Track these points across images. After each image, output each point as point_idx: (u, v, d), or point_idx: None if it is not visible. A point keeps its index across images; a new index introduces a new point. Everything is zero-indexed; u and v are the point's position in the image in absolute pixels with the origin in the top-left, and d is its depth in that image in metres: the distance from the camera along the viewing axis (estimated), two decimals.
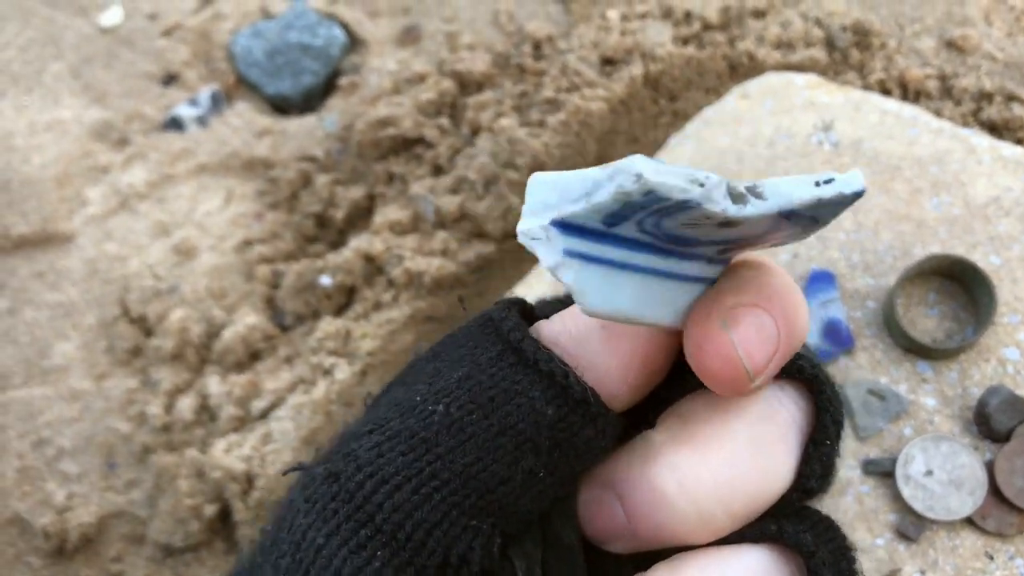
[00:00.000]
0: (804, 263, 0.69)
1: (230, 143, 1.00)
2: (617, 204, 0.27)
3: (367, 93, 1.01)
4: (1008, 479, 0.61)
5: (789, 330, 0.28)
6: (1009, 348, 0.65)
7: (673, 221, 0.29)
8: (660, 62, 0.91)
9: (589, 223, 0.29)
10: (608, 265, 0.30)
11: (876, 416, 0.64)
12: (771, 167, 0.73)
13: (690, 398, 0.30)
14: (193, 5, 1.12)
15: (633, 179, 0.26)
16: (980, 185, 0.71)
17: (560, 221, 0.28)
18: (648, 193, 0.26)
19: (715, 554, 0.28)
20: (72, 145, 1.01)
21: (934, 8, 0.94)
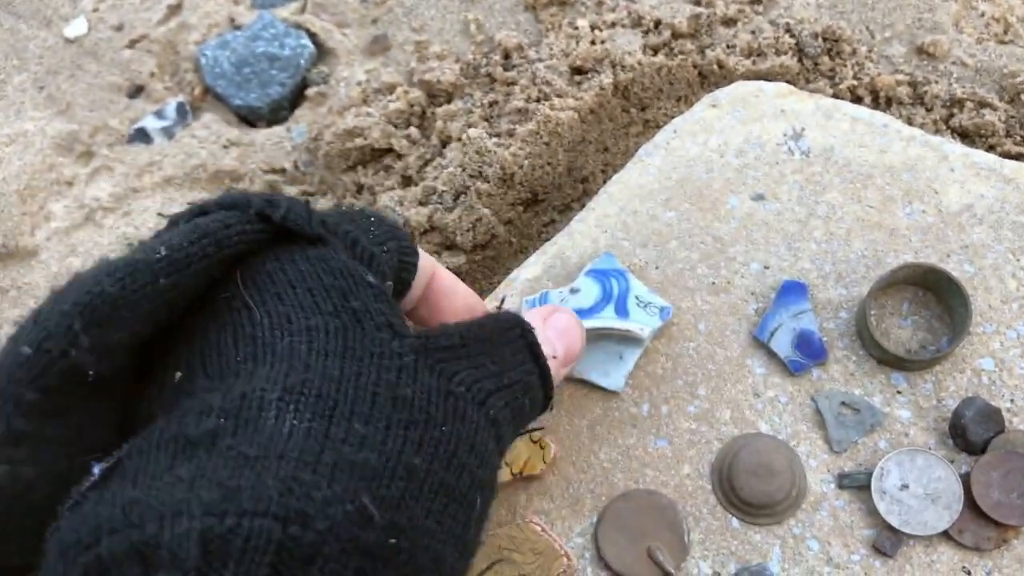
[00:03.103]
0: (776, 274, 0.68)
1: (197, 155, 0.99)
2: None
3: (335, 104, 0.99)
4: (985, 492, 0.60)
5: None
6: (984, 359, 0.64)
7: (553, 303, 0.65)
8: (630, 71, 0.90)
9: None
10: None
11: (850, 429, 0.63)
12: (741, 176, 0.72)
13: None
14: (159, 16, 1.10)
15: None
16: (953, 193, 0.70)
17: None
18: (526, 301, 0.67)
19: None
20: (35, 158, 0.99)
21: (904, 14, 0.94)
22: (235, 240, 0.42)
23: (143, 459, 0.35)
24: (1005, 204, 0.69)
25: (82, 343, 0.35)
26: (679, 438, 0.64)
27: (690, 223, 0.71)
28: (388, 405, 0.39)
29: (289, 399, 0.37)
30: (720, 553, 0.61)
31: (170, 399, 0.39)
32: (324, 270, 0.43)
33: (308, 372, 0.38)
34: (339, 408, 0.37)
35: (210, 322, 0.41)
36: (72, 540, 0.33)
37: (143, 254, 0.38)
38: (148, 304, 0.38)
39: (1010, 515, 0.59)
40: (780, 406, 0.64)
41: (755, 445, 0.63)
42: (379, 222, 0.51)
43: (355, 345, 0.40)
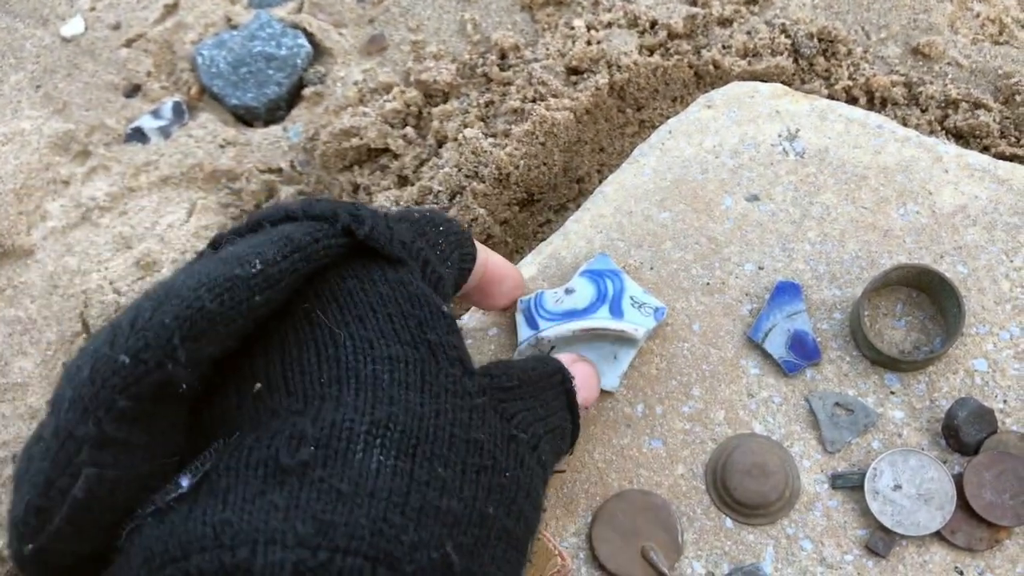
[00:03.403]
0: (770, 275, 0.68)
1: (194, 155, 0.99)
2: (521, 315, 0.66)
3: (332, 103, 1.00)
4: (977, 492, 0.60)
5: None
6: (977, 359, 0.65)
7: (547, 304, 0.65)
8: (626, 71, 0.91)
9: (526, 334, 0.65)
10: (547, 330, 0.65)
11: (843, 430, 0.63)
12: (735, 177, 0.72)
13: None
14: (156, 15, 1.10)
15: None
16: (947, 194, 0.70)
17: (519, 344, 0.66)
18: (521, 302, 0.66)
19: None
20: (32, 157, 0.99)
21: (899, 15, 0.94)
22: (321, 255, 0.42)
23: (234, 479, 0.36)
24: (999, 205, 0.69)
25: (179, 357, 0.35)
26: (673, 438, 0.64)
27: (685, 224, 0.71)
28: (463, 448, 0.40)
29: (376, 433, 0.38)
30: (714, 553, 0.61)
31: (251, 411, 0.39)
32: (403, 296, 0.44)
33: (393, 405, 0.39)
34: (421, 447, 0.38)
35: (290, 334, 0.41)
36: (160, 550, 0.34)
37: (239, 268, 0.38)
38: (243, 320, 0.38)
39: (1002, 516, 0.59)
40: (774, 406, 0.65)
41: (749, 445, 0.63)
42: (446, 232, 0.52)
43: (432, 380, 0.41)
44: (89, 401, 0.34)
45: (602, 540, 0.62)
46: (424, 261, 0.48)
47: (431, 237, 0.51)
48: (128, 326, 0.36)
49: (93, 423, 0.34)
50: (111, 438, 0.35)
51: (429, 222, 0.51)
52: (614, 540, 0.62)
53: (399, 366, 0.41)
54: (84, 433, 0.34)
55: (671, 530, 0.62)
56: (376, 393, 0.39)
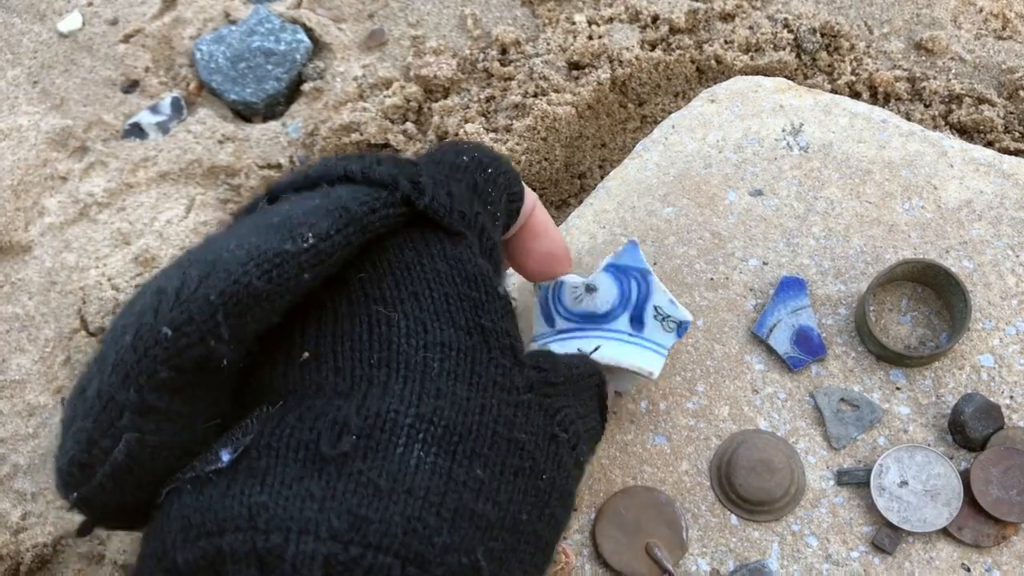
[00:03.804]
0: (774, 270, 0.68)
1: (192, 150, 0.98)
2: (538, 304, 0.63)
3: (331, 99, 0.99)
4: (984, 489, 0.60)
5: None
6: (984, 355, 0.64)
7: (566, 299, 0.61)
8: (628, 66, 0.90)
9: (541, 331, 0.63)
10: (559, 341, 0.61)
11: (849, 426, 0.63)
12: (739, 171, 0.72)
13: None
14: (154, 10, 1.09)
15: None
16: (952, 188, 0.70)
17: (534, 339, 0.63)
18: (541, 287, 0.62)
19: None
20: (29, 153, 0.98)
21: (902, 10, 0.93)
22: (377, 226, 0.41)
23: (273, 459, 0.36)
24: (1004, 200, 0.69)
25: (222, 334, 0.35)
26: (677, 435, 0.64)
27: (688, 219, 0.71)
28: (504, 448, 0.40)
29: (420, 427, 0.37)
30: (719, 550, 0.61)
31: (297, 380, 0.39)
32: (460, 275, 0.43)
33: (439, 399, 0.38)
34: (462, 445, 0.38)
35: (342, 305, 0.41)
36: (197, 521, 0.35)
37: (290, 242, 0.37)
38: (290, 296, 0.38)
39: (1009, 512, 0.59)
40: (779, 402, 0.64)
41: (754, 442, 0.62)
42: (494, 176, 0.50)
43: (481, 371, 0.41)
44: (131, 368, 0.35)
45: (606, 537, 0.61)
46: (481, 228, 0.46)
47: (482, 189, 0.49)
48: (173, 295, 0.35)
49: (135, 390, 0.35)
50: (152, 406, 0.35)
51: (478, 166, 0.49)
52: (618, 537, 0.61)
53: (450, 354, 0.40)
54: (125, 399, 0.35)
55: (675, 527, 0.61)
56: (424, 383, 0.39)
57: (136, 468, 0.36)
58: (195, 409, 0.37)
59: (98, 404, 0.35)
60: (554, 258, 0.58)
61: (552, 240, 0.57)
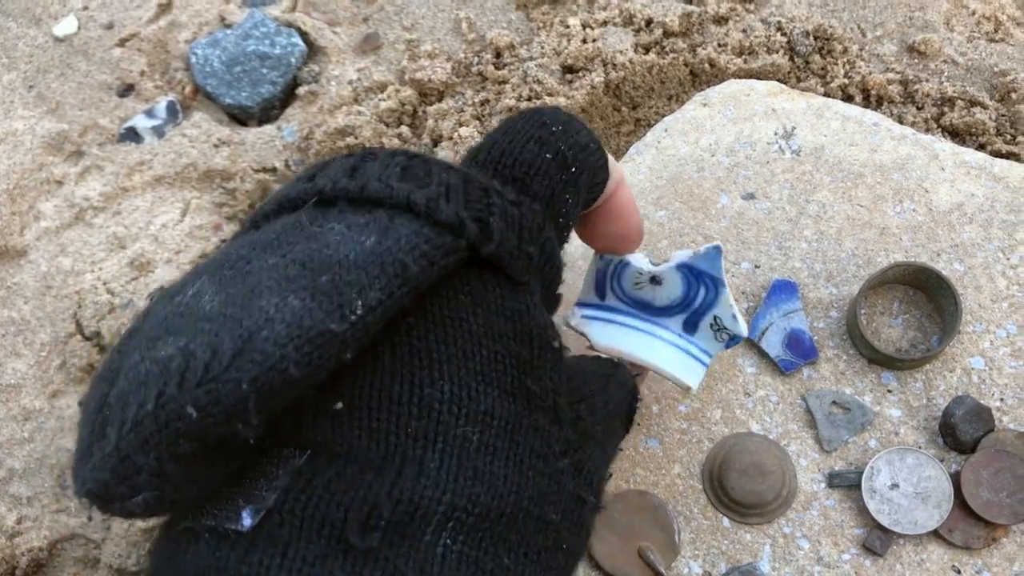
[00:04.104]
0: (766, 274, 0.68)
1: (187, 154, 0.99)
2: (595, 272, 0.58)
3: (326, 102, 0.99)
4: (974, 491, 0.60)
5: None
6: (974, 357, 0.64)
7: (626, 282, 0.57)
8: (621, 70, 0.90)
9: (590, 299, 0.58)
10: (604, 321, 0.58)
11: (840, 428, 0.63)
12: (731, 175, 0.72)
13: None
14: (150, 14, 1.09)
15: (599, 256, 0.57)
16: (943, 192, 0.70)
17: (579, 303, 0.59)
18: (603, 258, 0.57)
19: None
20: (25, 157, 0.99)
21: (895, 13, 0.94)
22: (435, 277, 0.37)
23: (296, 532, 0.34)
24: (995, 203, 0.69)
25: (251, 421, 0.33)
26: (670, 438, 0.64)
27: (681, 222, 0.71)
28: (533, 529, 0.39)
29: (451, 515, 0.36)
30: (711, 553, 0.61)
31: (327, 432, 0.36)
32: (514, 331, 0.40)
33: (476, 483, 0.37)
34: (492, 530, 0.37)
35: (385, 353, 0.37)
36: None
37: (337, 320, 0.33)
38: (326, 374, 0.34)
39: (999, 514, 0.59)
40: (771, 405, 0.64)
41: (746, 444, 0.63)
42: (577, 177, 0.45)
43: (520, 440, 0.39)
44: (151, 435, 0.32)
45: (599, 540, 0.62)
46: (547, 260, 0.43)
47: (558, 198, 0.44)
48: (202, 368, 0.32)
49: (154, 457, 0.33)
50: (171, 472, 0.33)
51: (560, 167, 0.44)
52: (611, 540, 0.61)
53: (491, 424, 0.38)
54: (144, 462, 0.33)
55: (668, 530, 0.62)
56: (461, 462, 0.37)
57: (152, 512, 0.35)
58: (215, 470, 0.36)
59: (115, 457, 0.33)
60: (625, 239, 0.54)
61: (626, 223, 0.52)
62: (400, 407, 0.36)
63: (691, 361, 0.57)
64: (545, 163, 0.44)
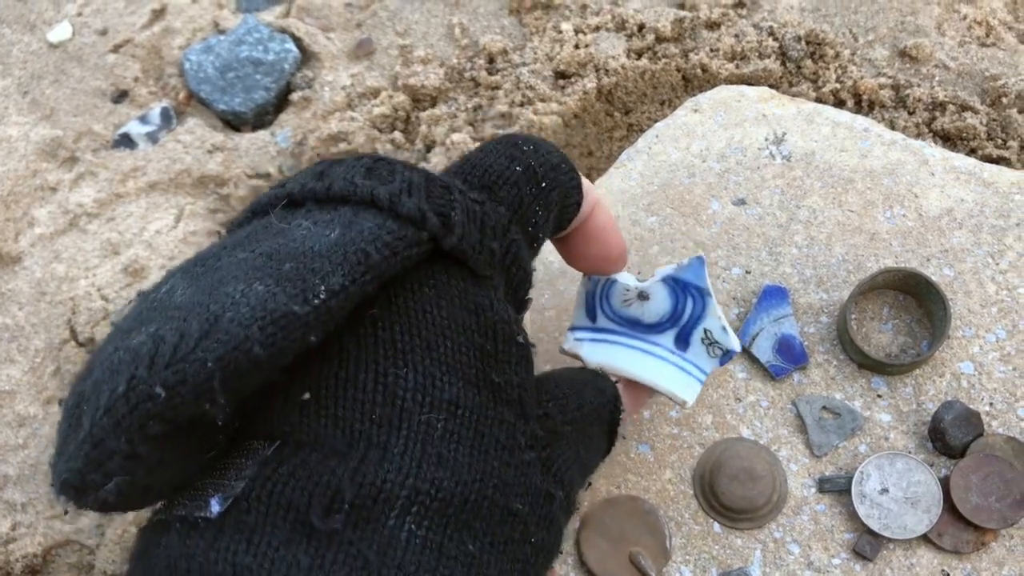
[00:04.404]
0: (757, 279, 0.68)
1: (182, 160, 0.99)
2: (585, 295, 0.59)
3: (320, 108, 0.99)
4: (963, 496, 0.60)
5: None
6: (964, 362, 0.65)
7: (615, 300, 0.58)
8: (614, 75, 0.91)
9: (581, 323, 0.59)
10: (596, 341, 0.59)
11: (831, 433, 0.63)
12: (722, 181, 0.72)
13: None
14: (144, 20, 1.10)
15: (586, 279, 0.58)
16: (933, 197, 0.70)
17: (571, 328, 0.60)
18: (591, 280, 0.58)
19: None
20: (19, 164, 0.99)
21: (887, 17, 0.94)
22: (399, 265, 0.38)
23: (261, 518, 0.35)
24: (984, 208, 0.69)
25: (217, 399, 0.34)
26: (661, 443, 0.64)
27: (672, 228, 0.71)
28: (498, 518, 0.39)
29: (415, 499, 0.36)
30: (701, 558, 0.61)
31: (294, 420, 0.37)
32: (478, 324, 0.41)
33: (439, 468, 0.37)
34: (456, 517, 0.37)
35: (351, 343, 0.38)
36: (182, 568, 0.34)
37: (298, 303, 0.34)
38: (291, 357, 0.35)
39: (989, 519, 0.59)
40: (761, 410, 0.65)
41: (736, 450, 0.63)
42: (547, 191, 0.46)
43: (484, 431, 0.40)
44: (123, 418, 0.33)
45: (590, 546, 0.62)
46: (512, 261, 0.44)
47: (527, 208, 0.45)
48: (170, 350, 0.33)
49: (126, 440, 0.34)
50: (142, 455, 0.34)
51: (530, 180, 0.45)
52: (602, 546, 0.62)
53: (455, 413, 0.39)
54: (116, 446, 0.34)
55: (659, 535, 0.62)
56: (425, 448, 0.37)
57: (124, 503, 0.36)
58: (187, 455, 0.37)
59: (88, 443, 0.34)
60: (607, 261, 0.55)
61: (606, 244, 0.53)
62: (365, 395, 0.37)
63: (686, 376, 0.58)
64: (515, 174, 0.45)
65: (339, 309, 0.36)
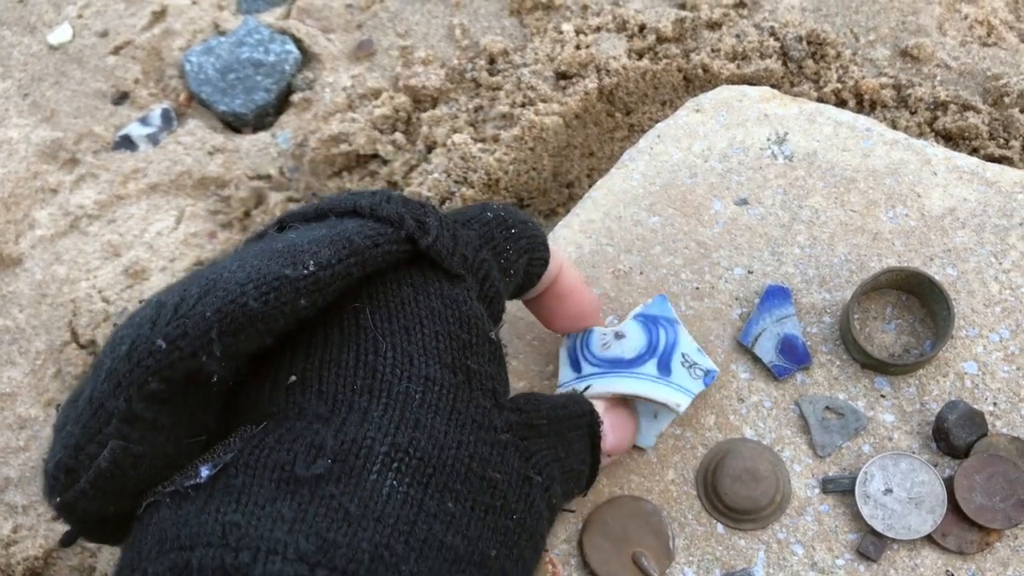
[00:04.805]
0: (759, 279, 0.68)
1: (182, 162, 0.99)
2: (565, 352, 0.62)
3: (321, 109, 0.99)
4: (968, 496, 0.60)
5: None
6: (967, 362, 0.65)
7: (594, 346, 0.62)
8: (615, 76, 0.90)
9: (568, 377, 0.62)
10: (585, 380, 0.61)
11: (834, 434, 0.63)
12: (724, 181, 0.72)
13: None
14: (144, 22, 1.10)
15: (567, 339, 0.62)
16: (935, 196, 0.70)
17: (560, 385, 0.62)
18: (569, 337, 0.62)
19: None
20: (20, 166, 0.99)
21: (888, 17, 0.94)
22: (379, 260, 0.42)
23: (249, 478, 0.37)
24: (987, 207, 0.69)
25: (214, 351, 0.36)
26: (663, 443, 0.64)
27: (674, 228, 0.71)
28: (477, 485, 0.40)
29: (395, 455, 0.38)
30: (705, 559, 0.61)
31: (281, 402, 0.40)
32: (454, 316, 0.44)
33: (417, 430, 0.39)
34: (436, 477, 0.39)
35: (334, 331, 0.41)
36: (173, 534, 0.35)
37: (291, 268, 0.38)
38: (285, 321, 0.38)
39: (993, 519, 0.59)
40: (764, 411, 0.65)
41: (740, 450, 0.63)
42: (516, 236, 0.51)
43: (461, 408, 0.41)
44: (123, 377, 0.36)
45: (593, 547, 0.62)
46: (485, 276, 0.47)
47: (498, 243, 0.49)
48: (172, 309, 0.36)
49: (124, 399, 0.35)
50: (139, 416, 0.36)
51: (500, 224, 0.50)
52: (605, 547, 0.61)
53: (433, 388, 0.41)
54: (114, 407, 0.36)
55: (662, 536, 0.62)
56: (404, 413, 0.39)
57: (119, 476, 0.37)
58: (181, 422, 0.38)
59: (88, 410, 0.36)
60: (581, 316, 0.60)
61: (577, 303, 0.59)
62: (347, 371, 0.40)
63: (675, 390, 0.61)
64: (486, 219, 0.50)
65: (327, 283, 0.39)
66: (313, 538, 0.34)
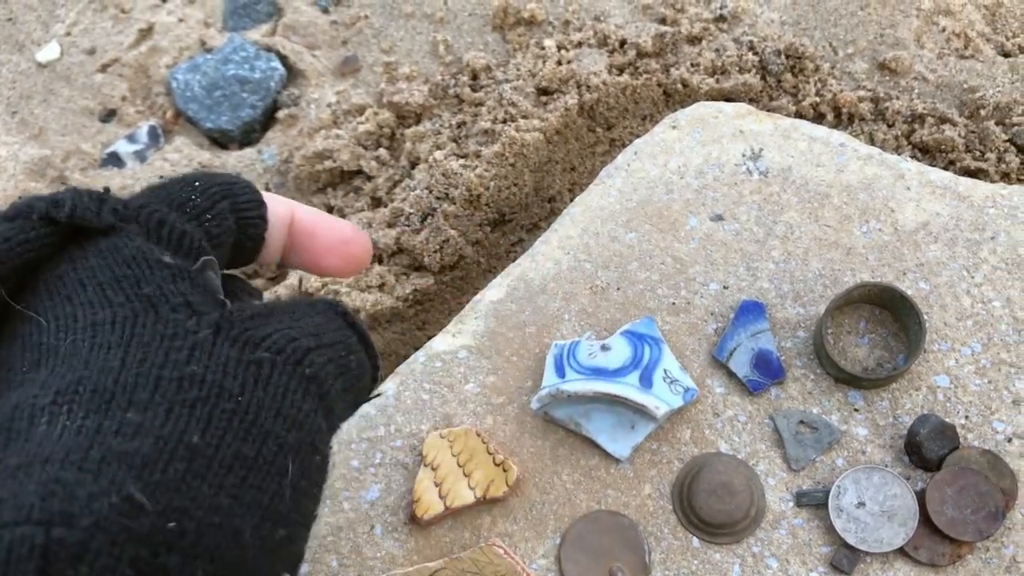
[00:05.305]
0: (734, 294, 0.69)
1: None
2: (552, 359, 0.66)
3: (306, 126, 1.00)
4: (939, 509, 0.61)
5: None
6: (939, 376, 0.65)
7: (581, 356, 0.65)
8: (595, 91, 0.91)
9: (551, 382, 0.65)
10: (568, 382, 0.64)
11: (808, 447, 0.64)
12: (700, 197, 0.73)
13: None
14: (131, 39, 1.10)
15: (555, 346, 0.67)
16: (909, 211, 0.71)
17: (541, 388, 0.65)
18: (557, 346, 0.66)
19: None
20: (8, 183, 0.99)
21: (866, 30, 0.95)
22: (18, 252, 0.41)
23: None
24: (959, 222, 0.70)
25: None
26: (640, 458, 0.65)
27: (650, 244, 0.72)
28: (173, 387, 0.39)
29: (62, 401, 0.37)
30: (681, 573, 0.62)
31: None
32: (115, 261, 0.43)
33: (86, 369, 0.38)
34: (116, 400, 0.37)
35: (5, 339, 0.41)
36: None
37: None
38: None
39: (964, 531, 0.60)
40: (739, 425, 0.65)
41: (715, 465, 0.63)
42: (205, 187, 0.48)
43: (143, 331, 0.40)
44: None
45: (571, 561, 0.62)
46: (158, 222, 0.45)
47: (176, 196, 0.47)
48: None
49: None
50: None
51: (180, 182, 0.48)
52: (582, 561, 0.62)
53: (103, 329, 0.40)
54: None
55: (639, 550, 0.62)
56: (71, 363, 0.38)
57: None
58: None
59: None
60: (343, 243, 0.53)
61: (330, 231, 0.53)
62: (14, 361, 0.39)
63: (654, 397, 0.63)
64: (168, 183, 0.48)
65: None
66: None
